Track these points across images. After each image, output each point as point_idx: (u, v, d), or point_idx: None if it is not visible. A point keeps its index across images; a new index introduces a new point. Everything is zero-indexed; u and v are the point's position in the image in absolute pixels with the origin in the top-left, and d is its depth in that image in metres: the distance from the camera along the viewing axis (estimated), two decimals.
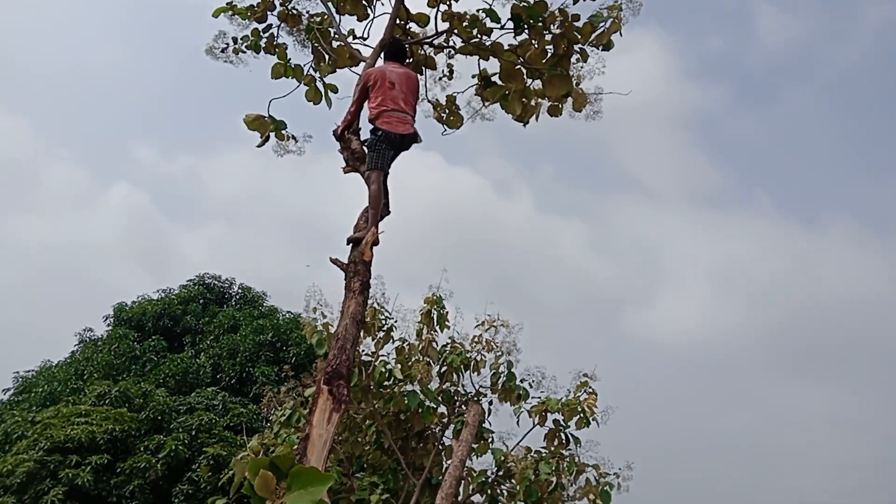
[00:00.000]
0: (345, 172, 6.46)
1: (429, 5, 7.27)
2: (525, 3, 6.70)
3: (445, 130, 7.70)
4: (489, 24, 6.93)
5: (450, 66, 7.74)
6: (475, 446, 9.98)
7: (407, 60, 6.84)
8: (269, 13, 7.88)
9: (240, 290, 25.65)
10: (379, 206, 5.81)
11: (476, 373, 10.84)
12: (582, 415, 9.97)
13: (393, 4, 7.05)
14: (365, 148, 6.33)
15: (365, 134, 6.49)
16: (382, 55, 6.49)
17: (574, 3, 6.61)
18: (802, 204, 54.47)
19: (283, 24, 7.92)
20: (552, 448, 10.12)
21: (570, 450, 10.07)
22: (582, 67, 6.78)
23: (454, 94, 7.74)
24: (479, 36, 6.99)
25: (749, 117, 58.07)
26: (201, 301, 24.67)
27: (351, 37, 7.71)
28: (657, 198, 54.06)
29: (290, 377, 13.70)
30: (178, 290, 24.85)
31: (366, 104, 6.13)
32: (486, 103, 7.38)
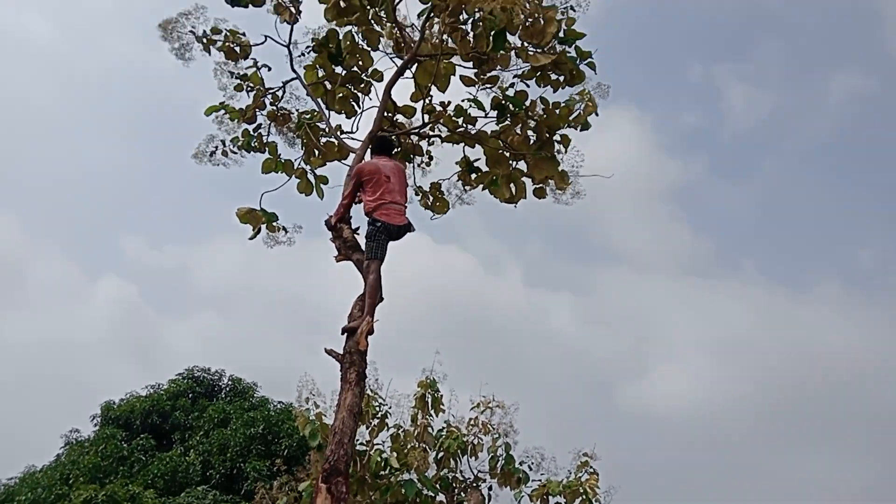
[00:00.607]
0: (337, 261, 6.55)
1: (412, 99, 7.57)
2: (506, 93, 7.01)
3: (433, 216, 7.88)
4: (474, 113, 7.22)
5: (429, 153, 8.02)
6: None
7: (395, 150, 7.08)
8: (258, 113, 8.14)
9: (230, 382, 25.25)
10: (376, 296, 5.87)
11: (474, 457, 10.61)
12: (584, 496, 9.73)
13: (381, 99, 7.33)
14: (356, 236, 6.47)
15: (356, 223, 6.65)
16: (371, 149, 6.72)
17: (554, 92, 6.93)
18: (788, 270, 55.18)
19: (272, 124, 8.17)
20: None
21: None
22: (564, 151, 7.04)
23: (438, 181, 7.97)
24: (464, 125, 7.27)
25: (729, 188, 59.57)
26: (190, 395, 24.22)
27: (339, 131, 7.97)
28: (644, 269, 54.58)
29: (283, 471, 13.34)
30: (167, 384, 24.44)
31: (360, 196, 6.31)
32: (470, 188, 7.60)
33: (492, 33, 5.68)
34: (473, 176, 7.56)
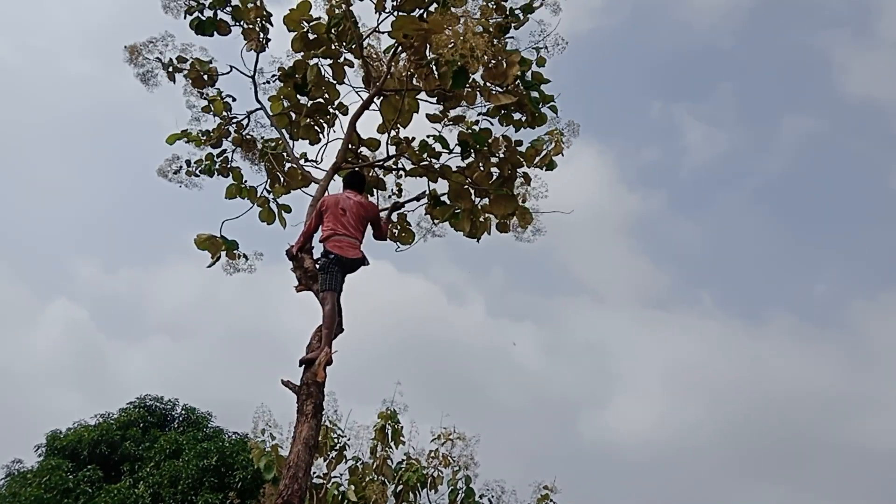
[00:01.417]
0: (297, 291, 6.51)
1: (378, 131, 7.66)
2: (471, 130, 7.14)
3: (399, 247, 7.91)
4: (438, 148, 7.33)
5: (399, 185, 8.06)
6: None
7: (364, 185, 7.11)
8: (223, 139, 8.13)
9: (183, 412, 24.59)
10: (333, 326, 5.85)
11: (433, 490, 10.51)
12: None
13: (345, 130, 7.40)
14: (317, 267, 6.45)
15: (317, 253, 6.64)
16: (342, 183, 6.77)
17: (516, 132, 7.09)
18: (744, 303, 56.50)
19: (237, 149, 8.16)
20: None
21: None
22: (526, 189, 7.17)
23: (405, 213, 8.02)
24: (428, 159, 7.36)
25: (686, 222, 61.05)
26: (142, 425, 23.49)
27: (303, 160, 7.98)
28: (605, 301, 55.27)
29: None
30: (118, 413, 23.68)
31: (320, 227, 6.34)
32: (436, 221, 7.66)
33: (452, 70, 5.80)
34: (437, 209, 7.63)
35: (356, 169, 7.08)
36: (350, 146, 7.48)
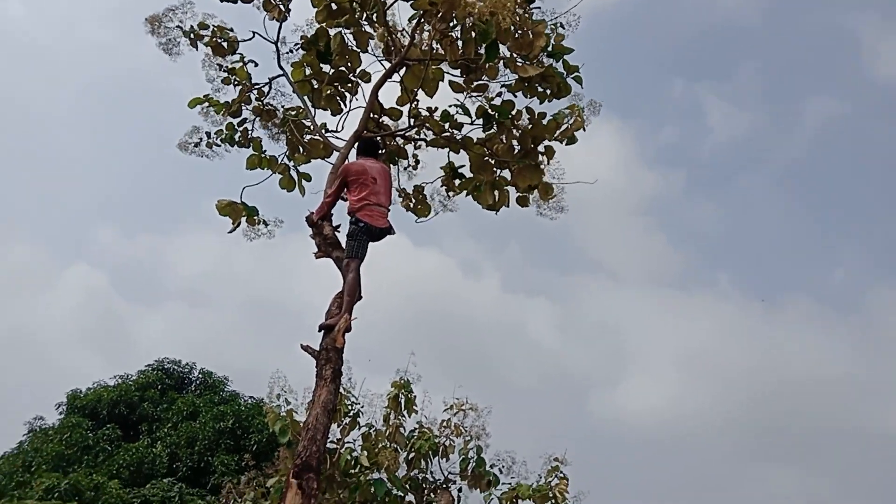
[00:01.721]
0: (317, 258, 6.56)
1: (398, 103, 7.63)
2: (494, 102, 7.09)
3: (418, 220, 7.94)
4: (460, 119, 7.29)
5: (416, 156, 8.05)
6: None
7: (380, 152, 7.13)
8: (244, 107, 8.13)
9: (200, 376, 25.04)
10: (355, 294, 5.91)
11: (445, 459, 10.67)
12: (554, 500, 9.85)
13: (368, 99, 7.37)
14: (337, 234, 6.50)
15: (337, 221, 6.68)
16: (356, 150, 6.77)
17: (540, 104, 7.03)
18: (761, 285, 56.09)
19: (257, 119, 8.16)
20: None
21: None
22: (547, 162, 7.13)
23: (422, 185, 8.02)
24: (449, 130, 7.33)
25: (706, 203, 60.45)
26: (159, 387, 23.97)
27: (324, 129, 7.98)
28: (620, 279, 55.12)
29: (251, 466, 13.26)
30: (136, 375, 24.17)
31: (345, 194, 6.36)
32: (454, 194, 7.66)
33: (484, 45, 5.75)
34: (457, 182, 7.62)
35: (371, 136, 7.06)
36: (372, 115, 7.46)
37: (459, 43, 6.59)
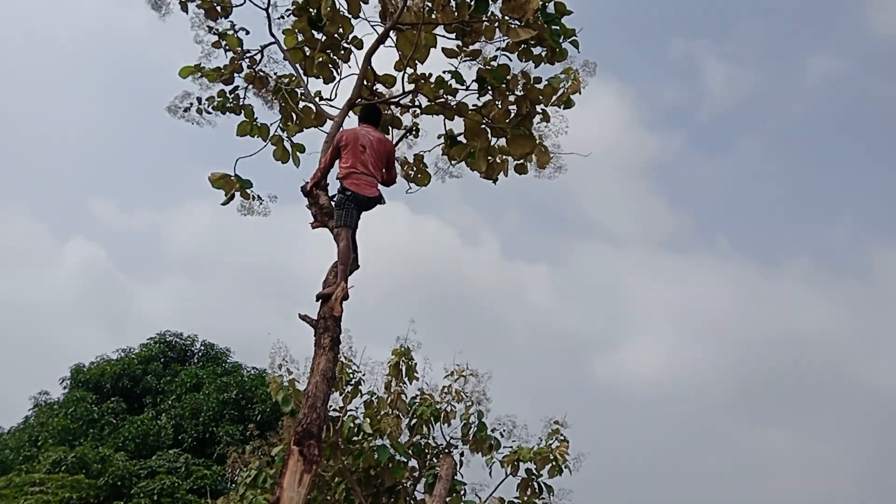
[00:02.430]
0: (313, 228, 6.53)
1: (396, 68, 7.51)
2: (489, 66, 6.98)
3: (411, 188, 7.87)
4: (454, 85, 7.19)
5: (416, 125, 7.95)
6: (448, 500, 9.88)
7: (381, 119, 7.03)
8: (236, 75, 8.01)
9: (202, 347, 25.20)
10: (348, 262, 5.89)
11: (446, 424, 10.80)
12: (554, 463, 9.99)
13: (360, 66, 7.27)
14: (332, 203, 6.46)
15: (332, 190, 6.63)
16: (358, 117, 6.69)
17: (536, 67, 6.92)
18: (760, 246, 56.33)
19: (250, 86, 8.05)
20: (525, 498, 10.08)
21: (543, 499, 10.06)
22: (545, 126, 7.05)
23: (422, 153, 7.94)
24: (444, 96, 7.23)
25: (704, 164, 60.29)
26: (162, 360, 24.14)
27: (317, 97, 7.88)
28: (620, 243, 55.27)
29: (256, 436, 13.43)
30: (139, 349, 24.32)
31: (337, 162, 6.30)
32: (453, 162, 7.58)
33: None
34: (453, 149, 7.54)
35: (371, 103, 6.97)
36: (365, 82, 7.36)
37: (453, 5, 6.46)
